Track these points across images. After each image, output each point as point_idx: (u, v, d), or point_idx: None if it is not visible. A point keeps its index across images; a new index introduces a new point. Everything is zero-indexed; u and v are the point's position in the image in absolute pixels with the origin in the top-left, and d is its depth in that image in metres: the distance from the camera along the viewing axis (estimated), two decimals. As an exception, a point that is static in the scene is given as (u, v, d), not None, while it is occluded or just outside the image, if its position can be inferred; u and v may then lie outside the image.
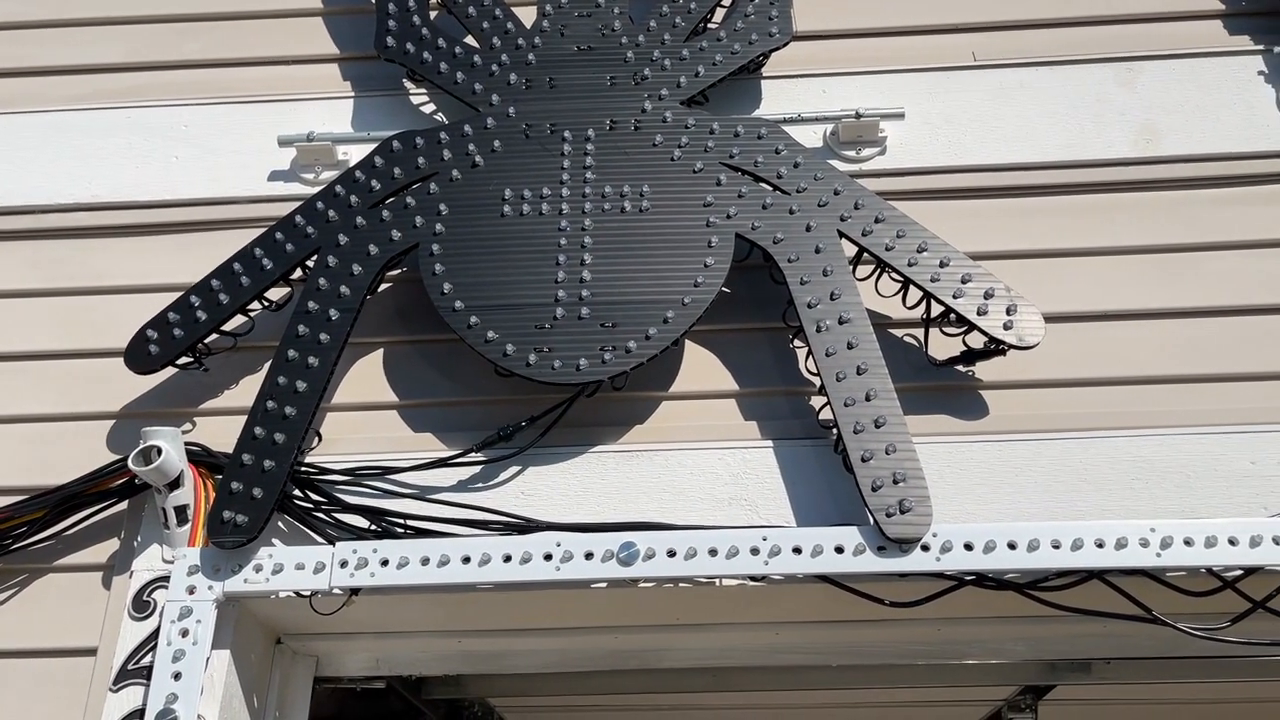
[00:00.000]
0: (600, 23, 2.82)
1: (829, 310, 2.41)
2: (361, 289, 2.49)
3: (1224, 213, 2.68)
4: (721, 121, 2.66)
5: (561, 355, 2.40)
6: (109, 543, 2.44)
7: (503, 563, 2.22)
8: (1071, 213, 2.72)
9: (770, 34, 2.80)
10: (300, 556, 2.26)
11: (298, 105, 2.99)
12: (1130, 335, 2.55)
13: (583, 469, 2.44)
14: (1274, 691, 3.69)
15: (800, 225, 2.51)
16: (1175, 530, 2.17)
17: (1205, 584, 2.20)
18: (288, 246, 2.56)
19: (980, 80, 2.90)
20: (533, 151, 2.65)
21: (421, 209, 2.58)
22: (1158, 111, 2.82)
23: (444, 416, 2.54)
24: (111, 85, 3.08)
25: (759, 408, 2.52)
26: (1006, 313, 2.40)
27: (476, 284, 2.49)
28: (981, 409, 2.48)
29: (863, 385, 2.32)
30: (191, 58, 3.12)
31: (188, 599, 2.23)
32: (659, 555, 2.21)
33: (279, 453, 2.33)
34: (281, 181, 2.88)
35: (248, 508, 2.27)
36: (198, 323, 2.50)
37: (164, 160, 2.93)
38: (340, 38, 3.13)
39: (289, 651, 2.57)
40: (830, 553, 2.19)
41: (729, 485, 2.41)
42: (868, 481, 2.23)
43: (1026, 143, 2.80)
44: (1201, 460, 2.37)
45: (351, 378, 2.61)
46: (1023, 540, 2.18)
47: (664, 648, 2.62)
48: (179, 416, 2.56)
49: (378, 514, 2.36)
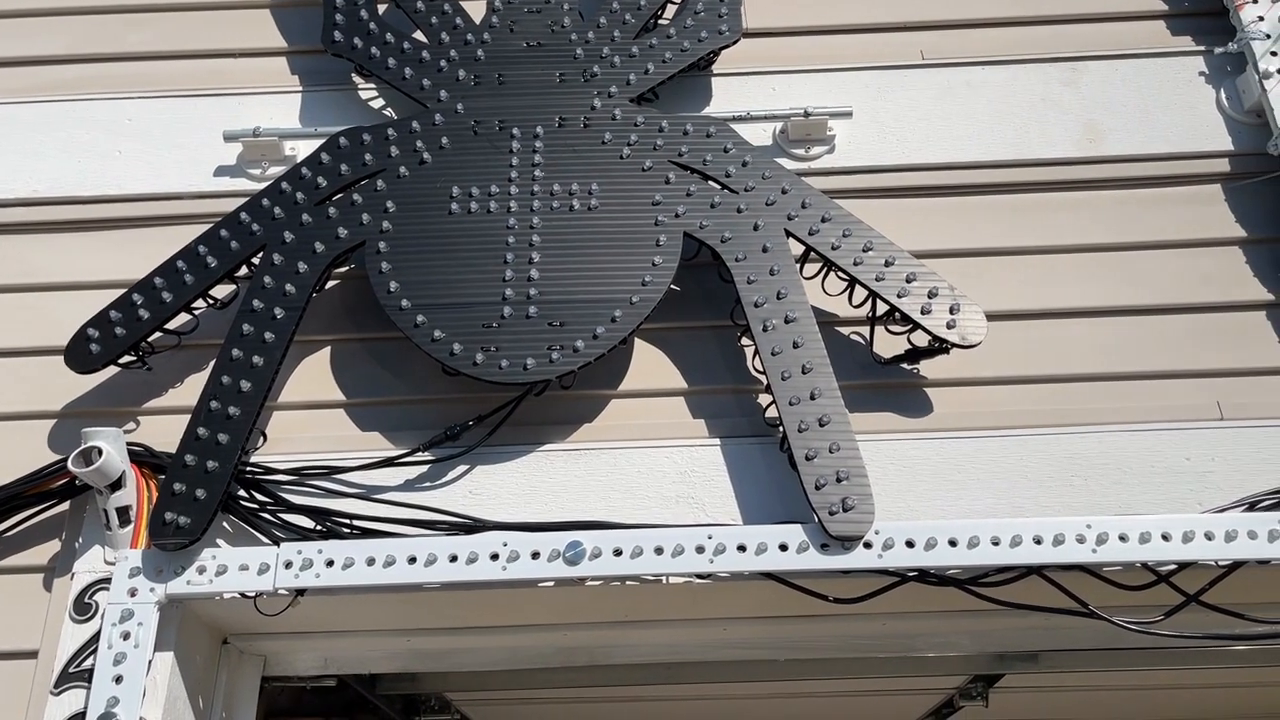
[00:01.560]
0: (550, 19, 2.81)
1: (775, 309, 2.42)
2: (307, 287, 2.48)
3: (1163, 212, 2.73)
4: (670, 120, 2.66)
5: (509, 354, 2.40)
6: (50, 544, 2.41)
7: (449, 563, 2.22)
8: (1016, 211, 2.75)
9: (720, 31, 2.81)
10: (244, 558, 2.25)
11: (244, 99, 2.96)
12: (1071, 333, 2.59)
13: (531, 468, 2.45)
14: (1214, 678, 3.77)
15: (748, 224, 2.52)
16: (1111, 526, 2.21)
17: (1140, 578, 2.24)
18: (233, 244, 2.53)
19: (928, 79, 2.93)
20: (481, 149, 2.64)
21: (369, 206, 2.56)
22: (1101, 111, 2.86)
23: (391, 415, 2.53)
24: (53, 78, 3.03)
25: (707, 406, 2.54)
26: (950, 312, 2.43)
27: (424, 282, 2.48)
28: (925, 406, 2.51)
29: (808, 384, 2.34)
30: (136, 50, 3.07)
31: (129, 601, 2.21)
32: (605, 554, 2.22)
33: (223, 453, 2.31)
34: (227, 177, 2.85)
35: (190, 509, 2.25)
36: (140, 321, 2.47)
37: (107, 154, 2.89)
38: (288, 31, 3.09)
39: (236, 651, 2.55)
40: (774, 550, 2.21)
41: (676, 483, 2.42)
42: (811, 480, 2.25)
43: (973, 141, 2.83)
44: (1137, 457, 2.41)
45: (298, 376, 2.59)
46: (963, 537, 2.21)
47: (613, 644, 2.63)
48: (122, 416, 2.53)
49: (323, 514, 2.35)
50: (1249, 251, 2.68)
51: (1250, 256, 2.68)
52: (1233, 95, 2.86)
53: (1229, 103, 2.85)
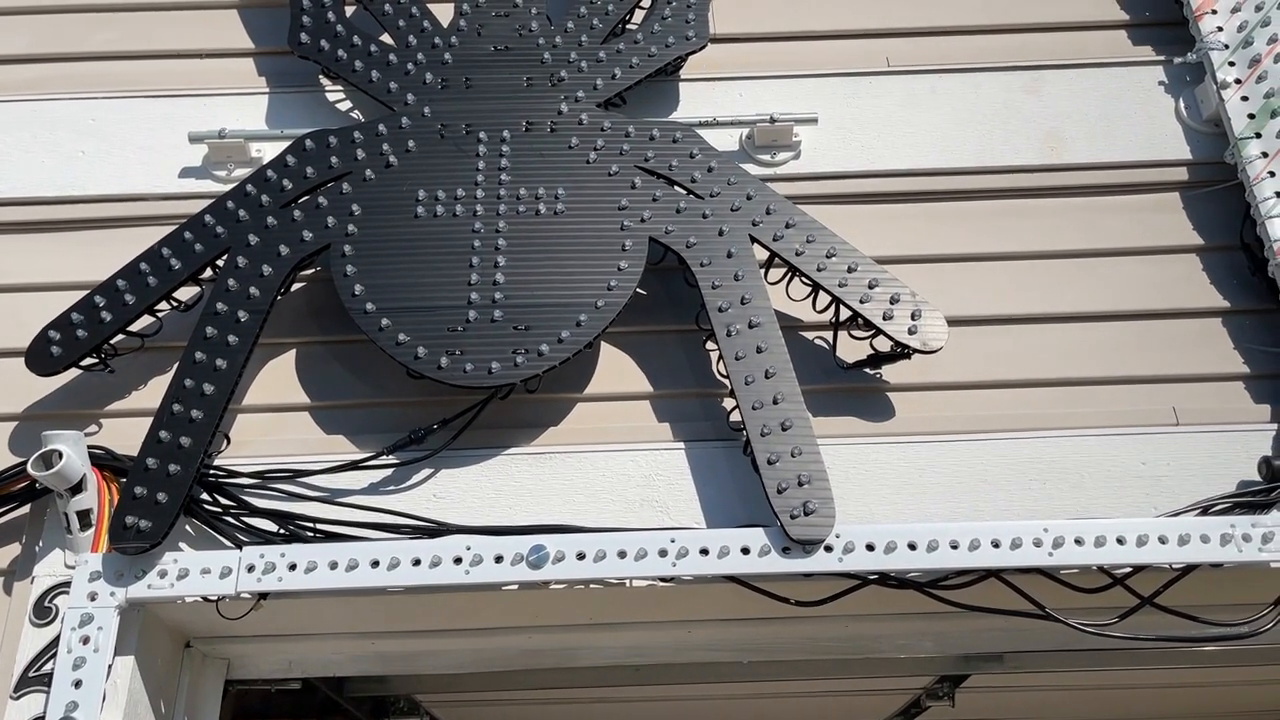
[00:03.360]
0: (518, 23, 2.82)
1: (739, 314, 2.44)
2: (271, 290, 2.47)
3: (1123, 219, 2.77)
4: (637, 125, 2.68)
5: (474, 358, 2.41)
6: (10, 548, 2.40)
7: (412, 567, 2.22)
8: (978, 218, 2.78)
9: (687, 37, 2.82)
10: (206, 561, 2.24)
11: (210, 100, 2.95)
12: (1030, 339, 2.62)
13: (495, 471, 2.46)
14: (1173, 678, 3.83)
15: (713, 230, 2.54)
16: (1067, 530, 2.24)
17: (1096, 581, 2.28)
18: (197, 246, 2.52)
19: (893, 86, 2.95)
20: (448, 152, 2.64)
21: (334, 209, 2.56)
22: (1063, 119, 2.90)
23: (356, 418, 2.53)
24: (15, 77, 3.00)
25: (672, 409, 2.55)
26: (911, 317, 2.45)
27: (389, 285, 2.48)
28: (888, 411, 2.54)
29: (770, 389, 2.36)
30: (100, 49, 3.05)
31: (89, 605, 2.20)
32: (569, 558, 2.23)
33: (185, 457, 2.30)
34: (193, 179, 2.84)
35: (152, 513, 2.24)
36: (102, 323, 2.46)
37: (70, 155, 2.87)
38: (255, 32, 3.08)
39: (199, 655, 2.54)
40: (737, 554, 2.23)
41: (641, 487, 2.44)
42: (773, 484, 2.27)
43: (937, 148, 2.86)
44: (1095, 461, 2.45)
45: (262, 379, 2.58)
46: (922, 541, 2.24)
47: (578, 646, 2.64)
48: (84, 419, 2.52)
49: (287, 518, 2.34)
50: (1205, 259, 2.72)
51: (1207, 263, 2.72)
52: (1191, 105, 2.90)
53: (1187, 112, 2.89)
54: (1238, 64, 2.83)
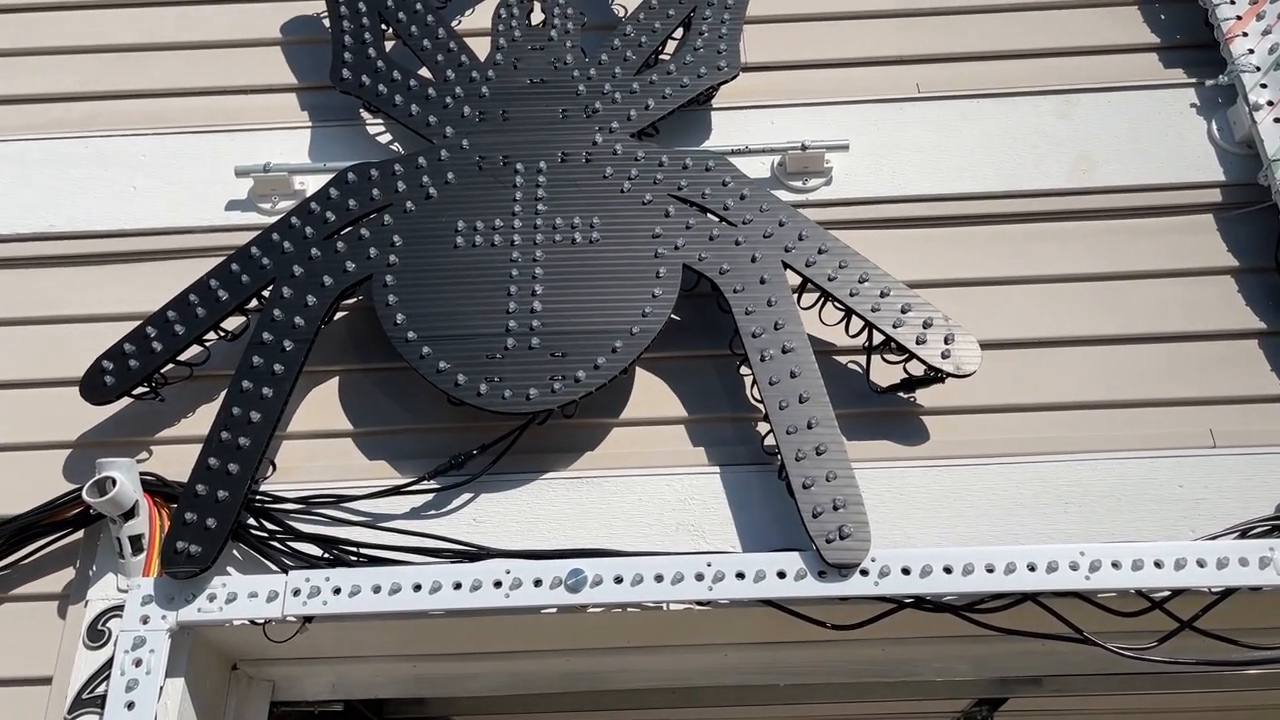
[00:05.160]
0: (553, 56, 2.88)
1: (773, 340, 2.47)
2: (316, 320, 2.53)
3: (1156, 242, 2.77)
4: (670, 154, 2.72)
5: (512, 385, 2.45)
6: (64, 572, 2.46)
7: (453, 590, 2.26)
8: (1009, 242, 2.80)
9: (719, 67, 2.87)
10: (254, 585, 2.29)
11: (255, 135, 3.03)
12: (1064, 362, 2.63)
13: (533, 496, 2.50)
14: (1212, 702, 3.78)
15: (746, 256, 2.57)
16: (1104, 553, 2.24)
17: (1135, 604, 2.28)
18: (243, 277, 2.60)
19: (923, 112, 2.98)
20: (485, 183, 2.70)
21: (376, 240, 2.63)
22: (1093, 143, 2.91)
23: (397, 444, 2.59)
24: (69, 114, 3.11)
25: (706, 434, 2.58)
26: (944, 341, 2.47)
27: (429, 314, 2.54)
28: (922, 434, 2.55)
29: (805, 413, 2.38)
30: (150, 87, 3.15)
31: (142, 628, 2.26)
32: (606, 582, 2.26)
33: (233, 483, 2.36)
34: (239, 211, 2.92)
35: (201, 538, 2.30)
36: (153, 353, 2.53)
37: (122, 190, 2.96)
38: (298, 68, 3.17)
39: (245, 677, 2.60)
40: (772, 578, 2.25)
41: (676, 511, 2.47)
42: (809, 508, 2.29)
43: (968, 173, 2.89)
44: (1131, 484, 2.45)
45: (306, 406, 2.65)
46: (958, 564, 2.24)
47: (615, 670, 2.67)
48: (134, 446, 2.59)
49: (331, 542, 2.39)
50: (1240, 280, 2.72)
51: (1242, 285, 2.72)
52: (1224, 127, 2.90)
53: (1220, 134, 2.90)
54: (1270, 85, 2.84)
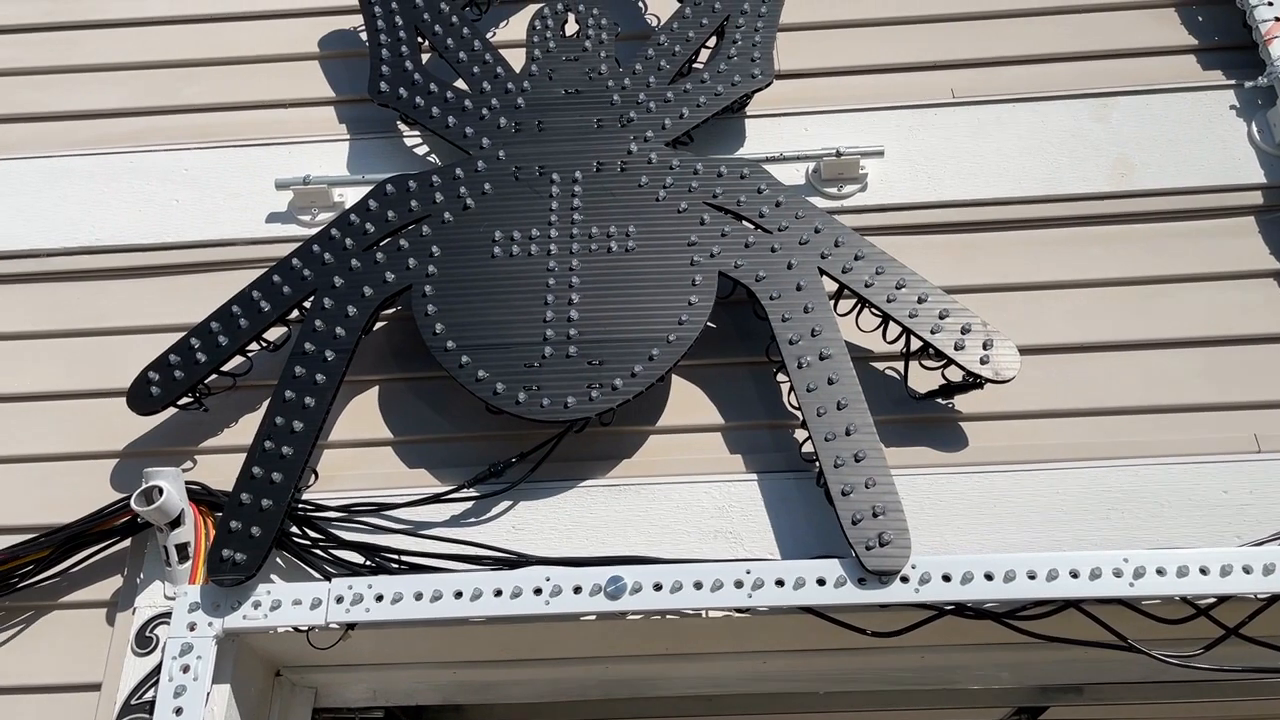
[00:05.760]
0: (588, 67, 2.90)
1: (810, 346, 2.47)
2: (356, 330, 2.57)
3: (1195, 245, 2.75)
4: (705, 162, 2.73)
5: (550, 393, 2.47)
6: (112, 580, 2.51)
7: (493, 597, 2.28)
8: (1048, 246, 2.78)
9: (753, 75, 2.88)
10: (297, 593, 2.32)
11: (295, 148, 3.08)
12: (1105, 367, 2.61)
13: (571, 503, 2.51)
14: (1260, 710, 3.71)
15: (782, 263, 2.58)
16: (1148, 560, 2.22)
17: (1179, 611, 2.25)
18: (285, 289, 2.63)
19: (959, 117, 2.97)
20: (522, 194, 2.72)
21: (414, 251, 2.66)
22: (1132, 146, 2.89)
23: (437, 453, 2.61)
24: (114, 130, 3.17)
25: (743, 441, 2.58)
26: (983, 347, 2.46)
27: (468, 324, 2.56)
28: (961, 441, 2.54)
29: (843, 420, 2.38)
30: (191, 102, 3.21)
31: (188, 635, 2.30)
32: (645, 589, 2.27)
33: (276, 491, 2.39)
34: (279, 223, 2.96)
35: (246, 546, 2.34)
36: (198, 364, 2.57)
37: (165, 203, 3.02)
38: (336, 81, 3.22)
39: (288, 684, 2.62)
40: (812, 585, 2.25)
41: (714, 518, 2.47)
42: (848, 515, 2.29)
43: (1004, 178, 2.87)
44: (1175, 490, 2.42)
45: (347, 415, 2.68)
46: (999, 571, 2.23)
47: (654, 677, 2.67)
48: (179, 455, 2.63)
49: (372, 550, 2.42)
50: (1284, 283, 2.70)
51: (1285, 287, 2.69)
52: (1264, 128, 2.87)
53: (1260, 136, 2.86)
54: (1311, 86, 2.81)
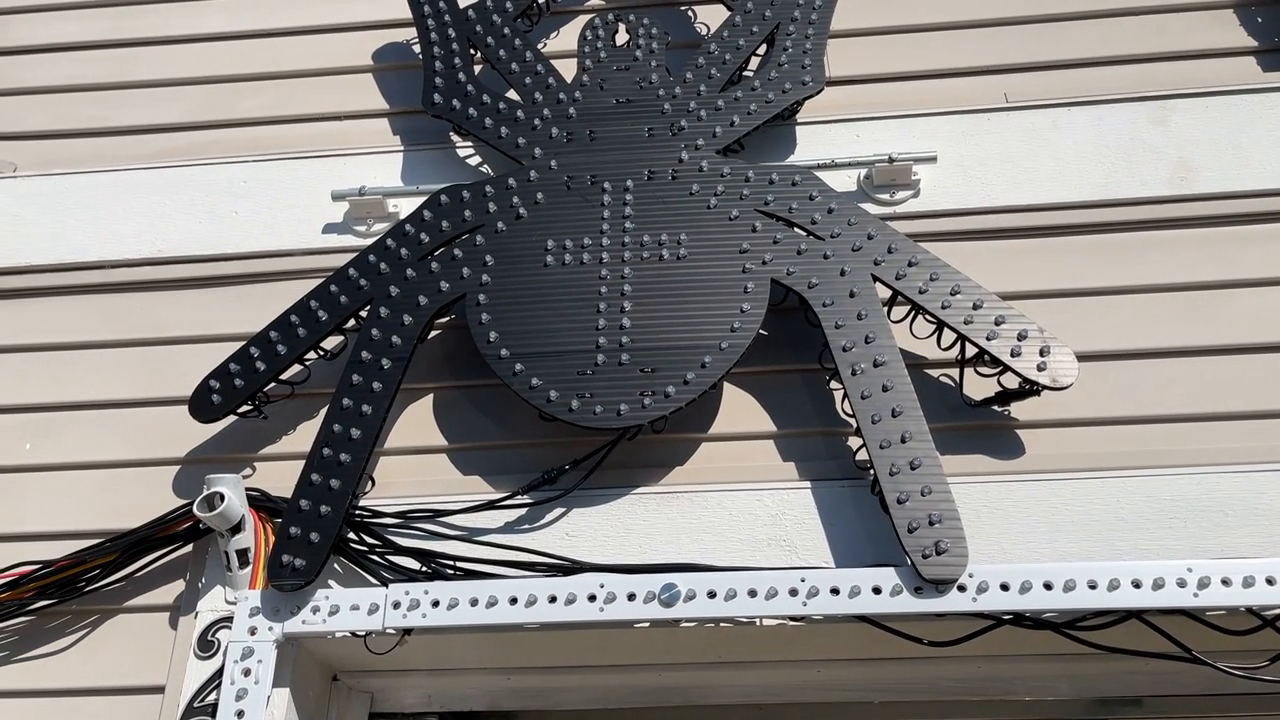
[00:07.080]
0: (638, 76, 2.92)
1: (864, 353, 2.46)
2: (412, 338, 2.60)
3: (1258, 250, 2.70)
4: (756, 169, 2.73)
5: (603, 400, 2.48)
6: (175, 584, 2.56)
7: (548, 604, 2.29)
8: (1105, 252, 2.74)
9: (804, 82, 2.88)
10: (355, 598, 2.35)
11: (350, 160, 3.12)
12: (1165, 373, 2.57)
13: (624, 510, 2.52)
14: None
15: (834, 270, 2.57)
16: (1213, 570, 2.18)
17: (1245, 623, 2.20)
18: (341, 298, 2.67)
19: (1013, 121, 2.95)
20: (574, 202, 2.74)
21: (468, 260, 2.68)
22: (1191, 149, 2.84)
23: (491, 459, 2.63)
24: (174, 144, 3.25)
25: (797, 449, 2.57)
26: (1040, 354, 2.43)
27: (521, 332, 2.58)
28: (1018, 449, 2.51)
29: (898, 428, 2.37)
30: (249, 115, 3.28)
31: (250, 639, 2.33)
32: (699, 596, 2.27)
33: (335, 498, 2.43)
34: (335, 234, 3.01)
35: (305, 551, 2.37)
36: (257, 373, 2.62)
37: (225, 215, 3.08)
38: (390, 94, 3.26)
39: (345, 688, 2.66)
40: (868, 593, 2.24)
41: (768, 526, 2.46)
42: (904, 523, 2.27)
43: (1059, 183, 2.84)
44: (1239, 498, 2.37)
45: (403, 422, 2.71)
46: (1059, 580, 2.20)
47: (708, 685, 2.66)
48: (240, 462, 2.68)
49: (428, 556, 2.44)
50: (1351, 287, 2.63)
51: (1352, 292, 2.63)
52: (1329, 129, 2.82)
53: (1325, 137, 2.81)
54: (1377, 86, 2.75)
